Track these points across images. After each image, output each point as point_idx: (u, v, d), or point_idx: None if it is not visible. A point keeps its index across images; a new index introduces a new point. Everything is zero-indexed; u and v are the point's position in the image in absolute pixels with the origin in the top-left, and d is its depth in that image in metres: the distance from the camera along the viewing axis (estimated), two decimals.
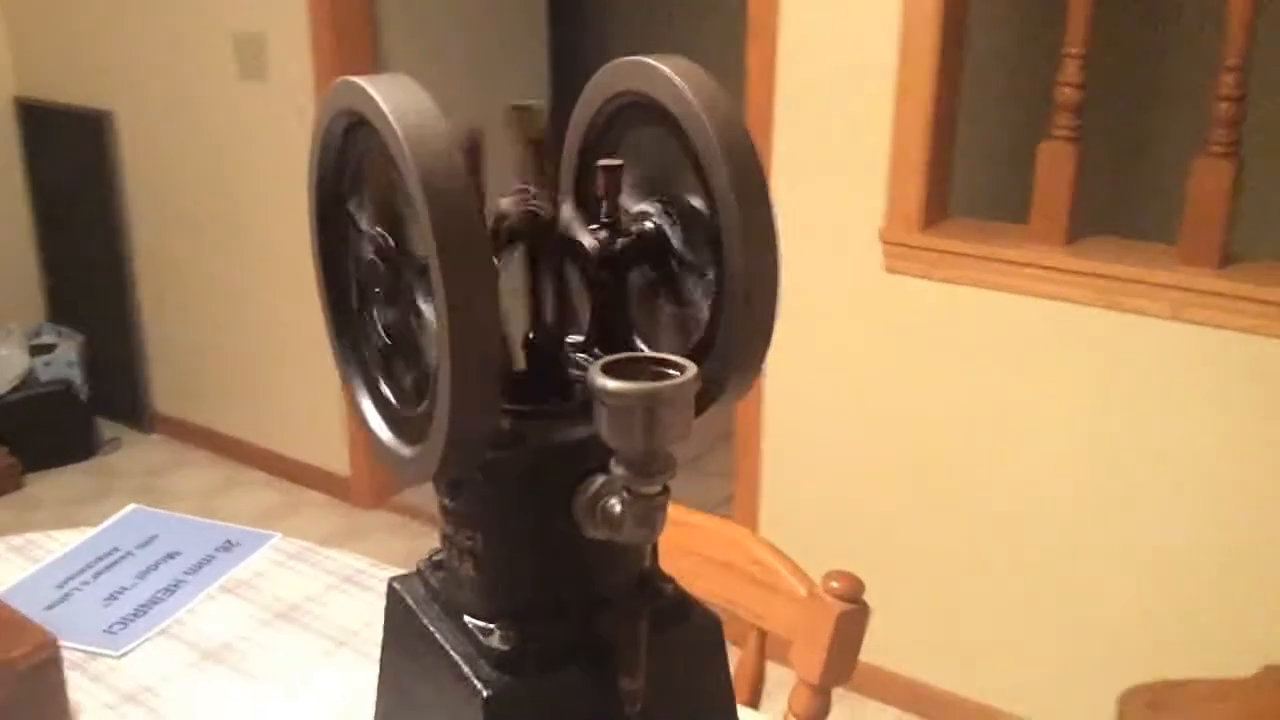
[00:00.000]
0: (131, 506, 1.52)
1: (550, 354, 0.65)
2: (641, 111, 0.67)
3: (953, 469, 2.32)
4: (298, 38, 3.01)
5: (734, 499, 2.65)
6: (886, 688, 2.49)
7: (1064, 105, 2.10)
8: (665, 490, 0.58)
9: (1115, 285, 2.08)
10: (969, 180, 2.60)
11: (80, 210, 3.67)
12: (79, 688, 1.15)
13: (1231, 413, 2.02)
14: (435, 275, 0.52)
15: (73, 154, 3.61)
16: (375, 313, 0.62)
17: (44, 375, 3.56)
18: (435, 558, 0.68)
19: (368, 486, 3.35)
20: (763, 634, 1.23)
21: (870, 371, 2.39)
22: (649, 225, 0.65)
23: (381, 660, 0.69)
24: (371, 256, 0.61)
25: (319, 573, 1.38)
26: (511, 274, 0.63)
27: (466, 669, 0.60)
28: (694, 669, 0.65)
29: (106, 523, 1.48)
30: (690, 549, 1.30)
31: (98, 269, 3.69)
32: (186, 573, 1.38)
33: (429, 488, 0.64)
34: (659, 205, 0.65)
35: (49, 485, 3.44)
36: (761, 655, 1.24)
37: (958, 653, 2.41)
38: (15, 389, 3.45)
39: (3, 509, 3.30)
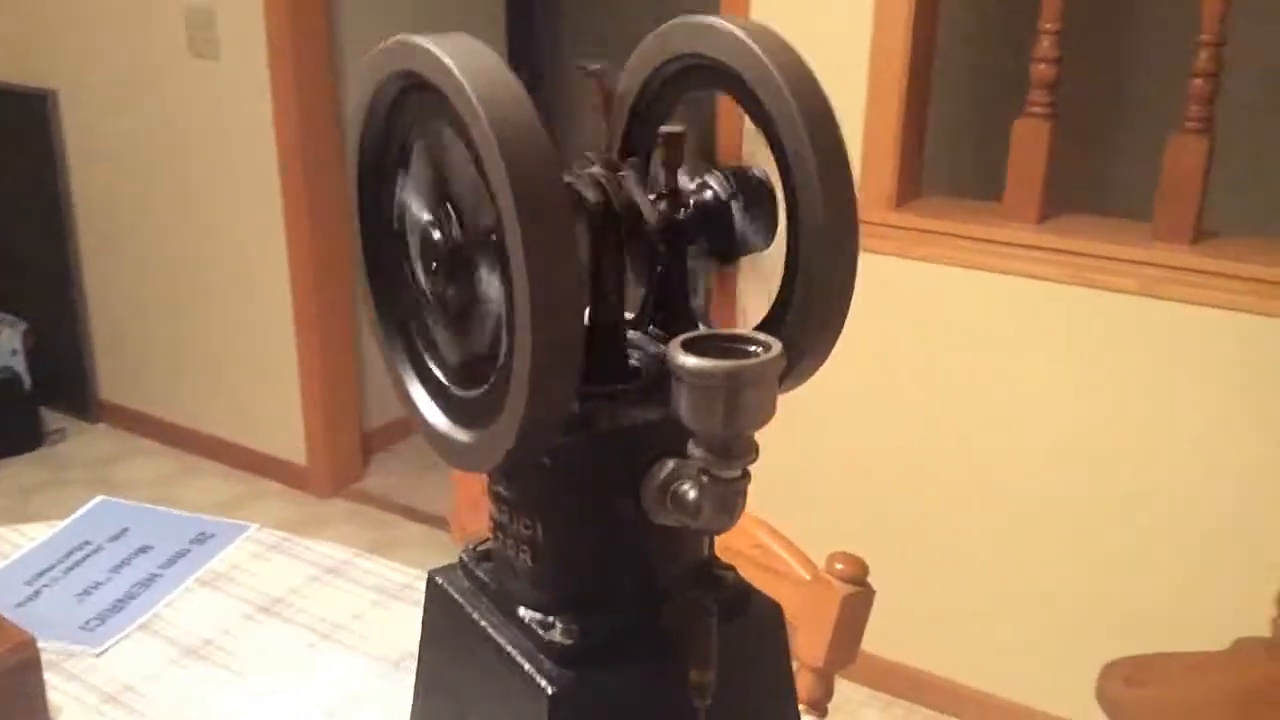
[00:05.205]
0: (100, 498, 1.46)
1: (613, 335, 0.62)
2: (702, 75, 0.63)
3: (930, 447, 2.31)
4: (250, 12, 2.92)
5: None
6: (882, 675, 2.46)
7: (1039, 82, 2.09)
8: (746, 475, 0.55)
9: (1089, 262, 2.08)
10: (940, 158, 2.59)
11: (21, 194, 3.55)
12: (56, 688, 1.09)
13: (1207, 388, 2.03)
14: (515, 251, 0.49)
15: (12, 135, 3.49)
16: (428, 291, 0.58)
17: None
18: (481, 548, 0.64)
19: (326, 475, 3.27)
20: None
21: (845, 351, 2.36)
22: (709, 196, 0.62)
23: (420, 658, 0.65)
24: (426, 230, 0.57)
25: (299, 564, 1.34)
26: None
27: (528, 665, 0.56)
28: (755, 659, 0.63)
29: (75, 515, 1.42)
30: None
31: (40, 254, 3.58)
32: (161, 566, 1.32)
33: (388, 475, 0.60)
34: (719, 175, 0.62)
35: None
36: None
37: (952, 639, 2.39)
38: None
39: None
